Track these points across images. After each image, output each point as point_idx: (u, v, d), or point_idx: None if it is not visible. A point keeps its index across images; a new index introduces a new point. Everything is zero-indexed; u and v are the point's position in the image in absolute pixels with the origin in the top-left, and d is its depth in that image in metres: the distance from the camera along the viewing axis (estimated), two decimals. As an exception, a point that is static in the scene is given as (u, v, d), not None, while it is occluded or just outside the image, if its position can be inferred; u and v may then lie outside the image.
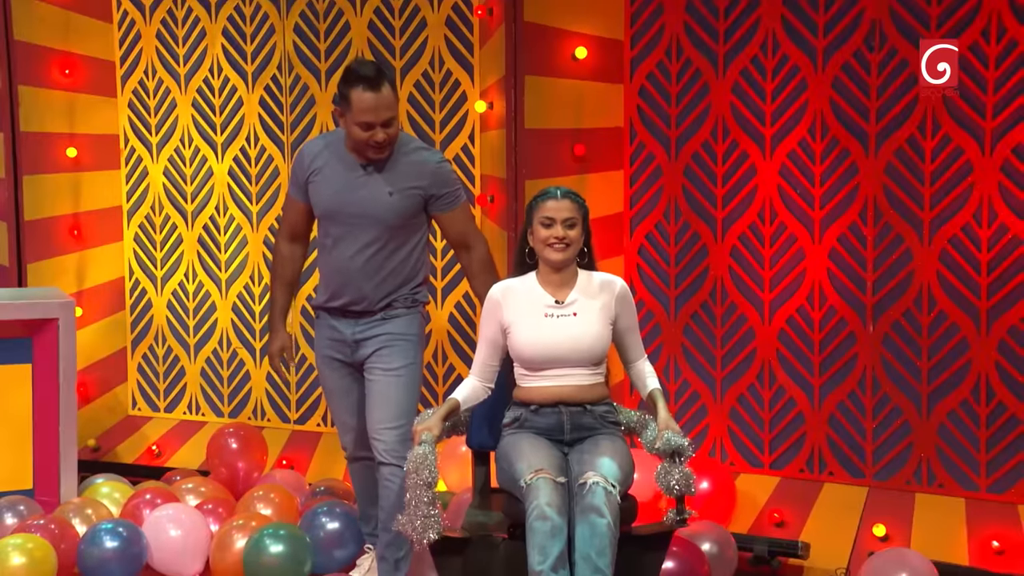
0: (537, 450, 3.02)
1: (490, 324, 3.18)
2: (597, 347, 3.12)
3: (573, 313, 3.11)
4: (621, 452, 3.06)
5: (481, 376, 3.20)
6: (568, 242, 3.08)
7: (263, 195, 5.50)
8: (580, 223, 3.11)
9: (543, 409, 3.13)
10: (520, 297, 3.17)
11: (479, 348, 3.21)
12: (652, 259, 4.72)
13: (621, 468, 2.99)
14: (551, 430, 3.13)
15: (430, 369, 5.16)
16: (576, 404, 3.13)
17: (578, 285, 3.15)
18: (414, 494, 2.98)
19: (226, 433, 4.84)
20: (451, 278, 5.09)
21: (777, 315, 4.48)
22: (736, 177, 4.52)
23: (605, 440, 3.09)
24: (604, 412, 3.17)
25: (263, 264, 5.52)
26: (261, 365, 5.57)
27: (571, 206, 3.10)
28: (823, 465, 4.41)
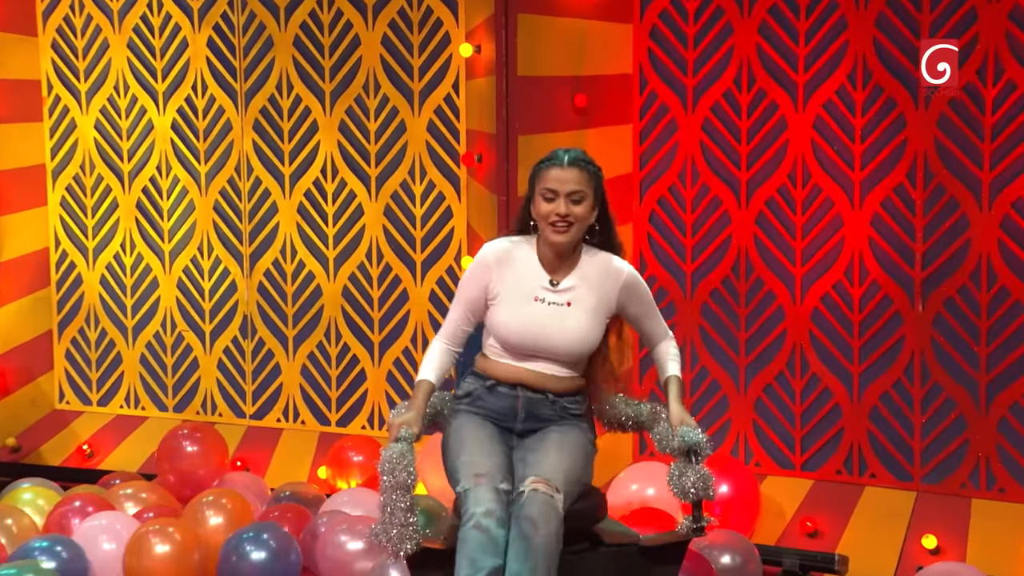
0: (481, 444, 3.02)
1: (473, 286, 3.15)
2: (583, 347, 3.11)
3: (567, 302, 3.09)
4: (572, 445, 3.05)
5: (449, 339, 3.18)
6: (572, 220, 3.04)
7: (212, 153, 5.48)
8: (590, 196, 3.06)
9: (499, 388, 3.12)
10: (514, 268, 3.14)
11: (453, 308, 3.18)
12: (665, 228, 4.70)
13: (568, 466, 2.99)
14: (502, 414, 3.12)
15: (408, 355, 5.16)
16: (537, 390, 3.12)
17: (580, 267, 3.12)
18: (389, 499, 2.97)
19: (179, 435, 4.86)
20: (432, 250, 5.09)
21: (810, 292, 4.47)
22: (763, 132, 4.50)
23: (555, 433, 3.08)
24: (567, 403, 3.15)
25: (212, 233, 5.51)
26: (211, 351, 5.57)
27: (579, 176, 3.04)
28: (864, 466, 4.41)
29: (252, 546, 3.96)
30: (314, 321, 5.34)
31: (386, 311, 5.21)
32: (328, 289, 5.31)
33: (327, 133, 5.24)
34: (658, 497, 4.19)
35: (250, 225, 5.44)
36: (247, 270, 5.45)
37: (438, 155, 5.05)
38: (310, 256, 5.33)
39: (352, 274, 5.26)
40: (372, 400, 5.26)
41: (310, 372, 5.37)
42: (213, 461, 4.83)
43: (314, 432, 5.34)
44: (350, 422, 5.30)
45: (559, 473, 2.96)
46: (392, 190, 5.15)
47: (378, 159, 5.17)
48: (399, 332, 5.18)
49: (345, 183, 5.24)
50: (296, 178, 5.33)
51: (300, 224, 5.34)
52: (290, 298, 5.39)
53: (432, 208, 5.08)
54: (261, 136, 5.38)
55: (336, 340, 5.30)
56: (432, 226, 5.08)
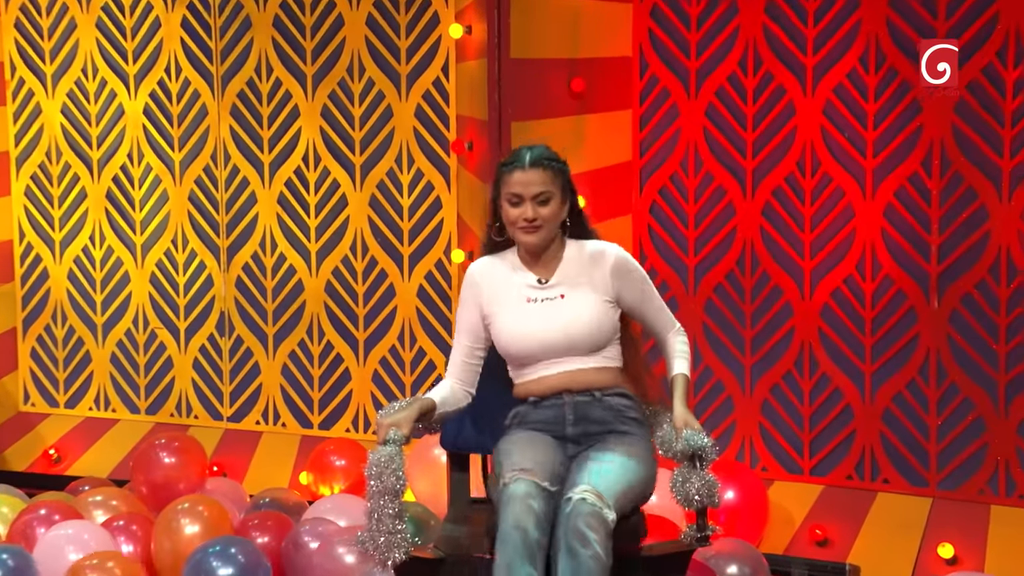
0: (529, 448, 2.98)
1: (468, 311, 3.15)
2: (595, 333, 3.08)
3: (560, 295, 3.08)
4: (632, 457, 2.99)
5: (459, 377, 3.16)
6: (540, 222, 3.04)
7: (187, 140, 5.47)
8: (557, 194, 3.06)
9: (544, 402, 3.08)
10: (500, 278, 3.13)
11: (456, 342, 3.18)
12: (667, 219, 4.69)
13: (623, 477, 2.94)
14: (552, 423, 3.08)
15: (395, 354, 5.15)
16: (582, 391, 3.08)
17: (566, 260, 3.11)
18: (377, 504, 2.95)
19: (156, 446, 4.82)
20: (420, 243, 5.09)
21: (820, 287, 4.45)
22: (770, 118, 4.49)
23: (614, 440, 3.03)
24: (621, 405, 3.10)
25: (187, 224, 5.50)
26: (186, 350, 5.55)
27: (542, 177, 3.03)
28: (876, 471, 4.40)
29: (219, 561, 3.91)
30: (295, 318, 5.33)
31: (372, 307, 5.20)
32: (310, 284, 5.30)
33: (309, 119, 5.23)
34: (660, 504, 4.07)
35: (227, 216, 5.42)
36: (224, 264, 5.44)
37: (426, 142, 5.03)
38: (291, 249, 5.32)
39: (336, 268, 5.25)
40: (357, 401, 5.25)
41: (291, 372, 5.36)
42: (191, 473, 4.79)
43: (295, 435, 5.34)
44: (333, 424, 5.29)
45: (615, 490, 2.89)
46: (378, 179, 5.14)
47: (363, 146, 5.16)
48: (385, 329, 5.17)
49: (328, 172, 5.23)
50: (276, 166, 5.32)
51: (280, 215, 5.33)
52: (270, 293, 5.38)
53: (420, 198, 5.07)
54: (239, 122, 5.36)
55: (319, 338, 5.30)
56: (420, 217, 5.07)
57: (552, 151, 3.11)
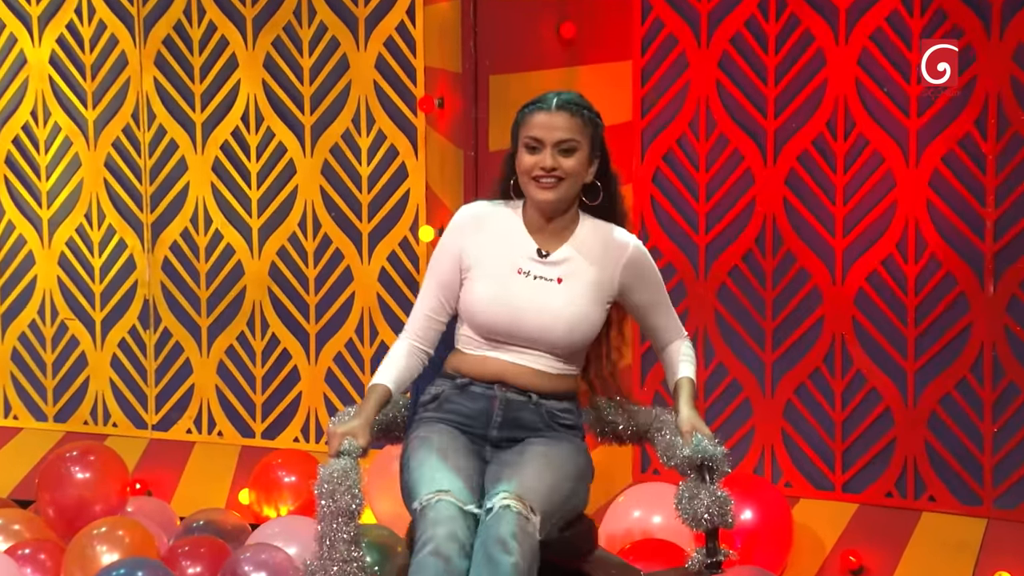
0: (446, 457, 3.01)
1: (446, 259, 3.15)
2: (575, 334, 3.10)
3: (558, 279, 3.10)
4: (559, 460, 3.04)
5: (418, 336, 3.17)
6: (561, 175, 3.06)
7: (103, 95, 5.43)
8: (585, 148, 3.09)
9: (473, 387, 3.11)
10: (494, 232, 3.14)
11: (422, 294, 3.19)
12: (673, 190, 4.67)
13: (551, 484, 2.97)
14: (474, 418, 3.11)
15: (352, 349, 5.12)
16: (519, 389, 3.10)
17: (577, 237, 3.13)
18: (329, 528, 2.95)
19: (67, 459, 4.76)
20: (382, 218, 5.06)
21: (854, 270, 4.45)
22: (796, 69, 4.47)
23: (538, 444, 3.06)
24: (559, 410, 3.14)
25: (104, 196, 5.47)
26: (103, 346, 5.51)
27: (570, 123, 3.07)
28: (920, 487, 4.40)
29: None
30: (234, 307, 5.32)
31: (325, 295, 5.18)
32: (251, 267, 5.28)
33: (249, 71, 5.20)
34: (665, 525, 4.19)
35: (152, 187, 5.39)
36: (148, 243, 5.41)
37: (389, 99, 5.01)
38: (228, 226, 5.30)
39: (282, 248, 5.23)
40: (307, 406, 5.24)
41: (229, 371, 5.35)
42: (109, 491, 4.75)
43: (234, 446, 5.33)
44: (279, 434, 5.29)
45: (538, 491, 2.93)
46: (331, 143, 5.12)
47: (314, 104, 5.14)
48: (341, 321, 5.15)
49: (272, 134, 5.20)
50: (210, 127, 5.29)
51: (216, 185, 5.31)
52: (203, 278, 5.36)
53: (382, 166, 5.04)
54: (165, 74, 5.32)
55: (262, 331, 5.28)
56: (382, 188, 5.04)
57: (588, 101, 3.12)
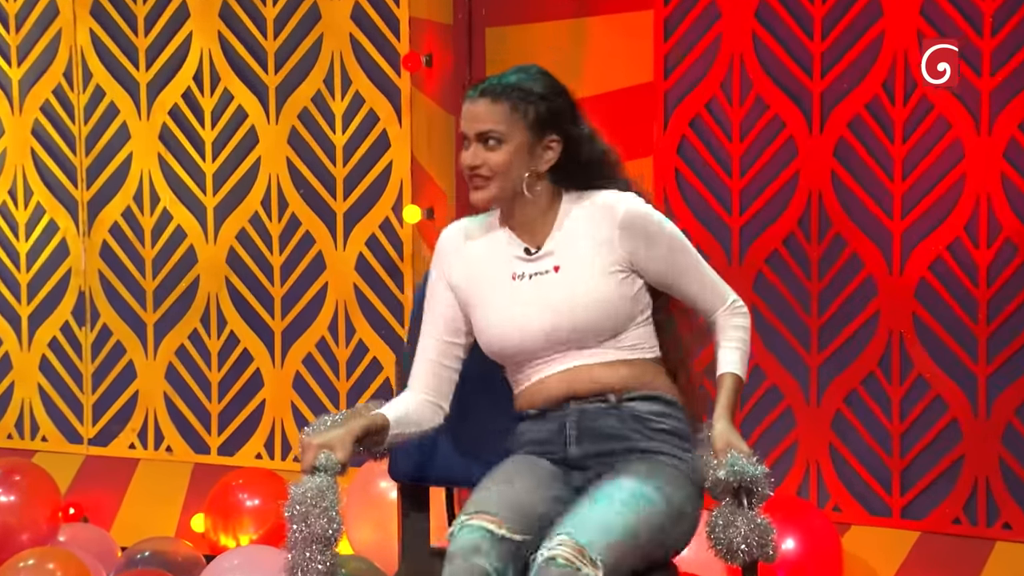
0: (506, 480, 3.03)
1: (439, 294, 3.19)
2: (602, 314, 3.11)
3: (554, 267, 3.13)
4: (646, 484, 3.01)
5: (427, 386, 3.19)
6: (487, 173, 3.09)
7: (30, 49, 5.44)
8: (517, 136, 3.09)
9: (548, 414, 3.13)
10: (480, 249, 3.18)
11: (422, 340, 3.21)
12: (702, 163, 4.67)
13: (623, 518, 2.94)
14: (551, 442, 3.12)
15: (324, 350, 5.12)
16: (591, 396, 3.11)
17: (560, 220, 3.15)
18: (301, 557, 2.95)
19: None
20: (359, 196, 5.06)
21: (914, 257, 4.45)
22: (845, 23, 4.47)
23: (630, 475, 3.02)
24: (649, 412, 3.12)
25: (31, 169, 5.47)
26: (30, 345, 5.51)
27: (490, 110, 3.09)
28: (994, 512, 4.39)
29: None
30: (185, 301, 5.32)
31: (292, 286, 5.18)
32: (206, 253, 5.28)
33: (202, 21, 5.19)
34: (694, 558, 4.12)
35: (88, 158, 5.39)
36: (84, 225, 5.41)
37: (368, 56, 5.00)
38: (179, 204, 5.30)
39: (241, 231, 5.23)
40: (271, 417, 5.24)
41: (179, 376, 5.34)
42: (38, 516, 4.77)
43: (186, 464, 5.32)
44: (238, 449, 5.29)
45: (609, 535, 2.89)
46: (300, 107, 5.11)
47: (279, 61, 5.13)
48: (311, 317, 5.15)
49: (230, 96, 5.20)
50: (157, 88, 5.29)
51: (164, 157, 5.30)
52: (149, 267, 5.36)
53: (360, 134, 5.04)
54: (103, 25, 5.32)
55: (218, 328, 5.28)
56: (360, 161, 5.04)
57: (537, 76, 3.11)
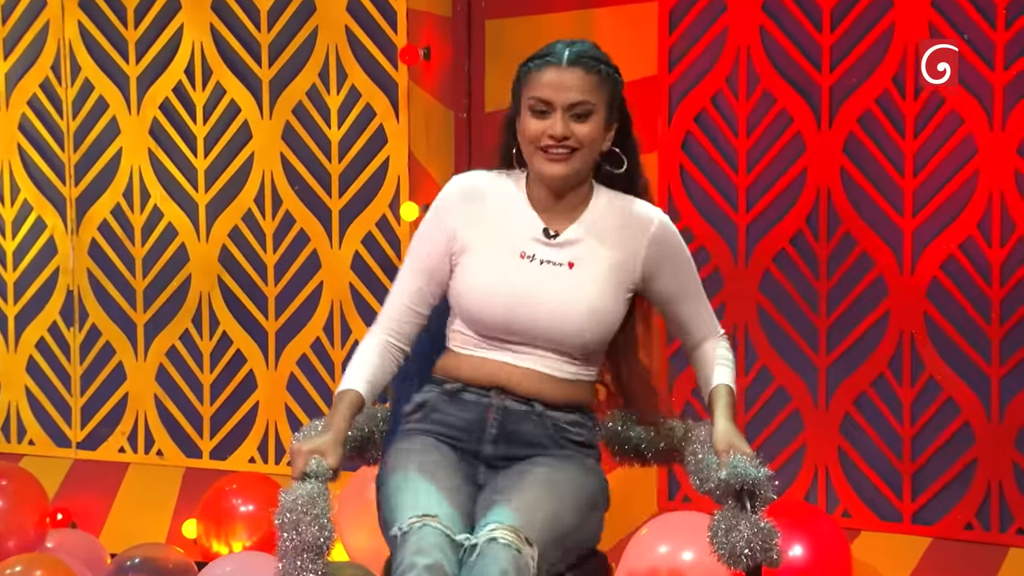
0: (430, 476, 3.05)
1: (432, 240, 3.20)
2: (591, 328, 3.14)
3: (568, 263, 3.15)
4: (564, 482, 3.08)
5: (393, 330, 3.21)
6: (575, 144, 3.11)
7: (17, 42, 5.46)
8: (602, 110, 3.13)
9: (466, 393, 3.16)
10: (492, 211, 3.18)
11: (401, 278, 3.24)
12: (707, 159, 4.68)
13: (552, 511, 3.01)
14: (465, 430, 3.15)
15: (319, 351, 5.14)
16: (522, 399, 3.14)
17: (590, 213, 3.19)
18: (293, 566, 2.98)
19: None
20: (355, 193, 5.08)
21: (926, 255, 4.45)
22: (856, 13, 4.47)
23: (540, 465, 3.09)
24: (568, 423, 3.17)
25: (18, 165, 5.48)
26: (17, 347, 5.53)
27: (585, 81, 3.11)
28: (1007, 517, 4.40)
29: None
30: (176, 301, 5.33)
31: (286, 286, 5.20)
32: (198, 252, 5.29)
33: (194, 13, 5.21)
34: (696, 563, 4.20)
35: (77, 154, 5.40)
36: (72, 223, 5.42)
37: (364, 49, 5.02)
38: (170, 201, 5.30)
39: (234, 229, 5.24)
40: (265, 420, 5.25)
41: (170, 378, 5.36)
42: (25, 522, 4.82)
43: (177, 468, 5.34)
44: (231, 453, 5.30)
45: (535, 519, 2.95)
46: (295, 101, 5.12)
47: (273, 54, 5.15)
48: (306, 317, 5.16)
49: (223, 90, 5.21)
50: (147, 82, 5.30)
51: (154, 152, 5.31)
52: (139, 266, 5.36)
53: (356, 129, 5.05)
54: (92, 17, 5.34)
55: (210, 329, 5.29)
56: (356, 157, 5.06)
57: (605, 53, 3.15)
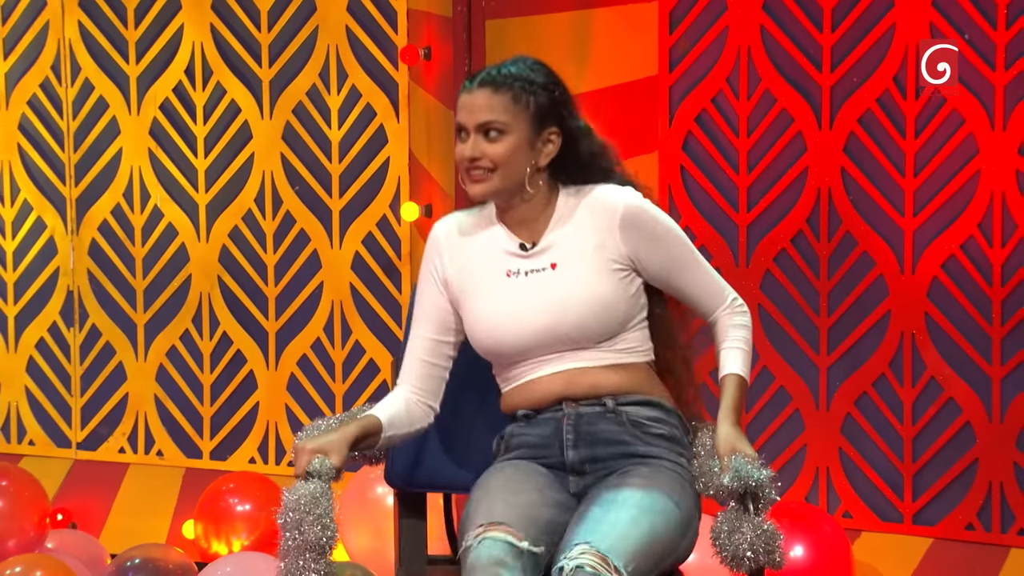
0: (508, 488, 3.04)
1: (429, 290, 3.22)
2: (601, 315, 3.14)
3: (551, 264, 3.16)
4: (654, 492, 3.04)
5: (416, 385, 3.22)
6: (487, 165, 3.12)
7: (17, 42, 5.46)
8: (520, 128, 3.12)
9: (539, 416, 3.15)
10: (473, 244, 3.20)
11: (412, 337, 3.24)
12: (708, 158, 4.68)
13: (641, 525, 2.98)
14: (546, 446, 3.14)
15: (320, 351, 5.14)
16: (588, 399, 3.14)
17: (557, 216, 3.19)
18: (295, 565, 2.96)
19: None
20: (356, 193, 5.08)
21: (927, 256, 4.45)
22: (856, 13, 4.47)
23: (635, 477, 3.07)
24: (645, 417, 3.15)
25: (18, 165, 5.47)
26: (17, 347, 5.52)
27: (491, 100, 3.12)
28: (1008, 518, 4.39)
29: None
30: (176, 301, 5.33)
31: (287, 286, 5.20)
32: (198, 252, 5.29)
33: (194, 13, 5.22)
34: (700, 565, 4.13)
35: (77, 154, 5.41)
36: (72, 223, 5.42)
37: (365, 49, 5.03)
38: (170, 202, 5.31)
39: (234, 229, 5.25)
40: (265, 420, 5.26)
41: (170, 378, 5.36)
42: (25, 523, 4.80)
43: (177, 469, 5.35)
44: (231, 453, 5.31)
45: (629, 545, 2.92)
46: (295, 102, 5.13)
47: (273, 54, 5.15)
48: (306, 317, 5.17)
49: (223, 90, 5.22)
50: (147, 82, 5.31)
51: (154, 152, 5.31)
52: (139, 266, 5.36)
53: (356, 129, 5.06)
54: (92, 17, 5.34)
55: (210, 329, 5.30)
56: (356, 157, 5.06)
57: (536, 66, 3.14)
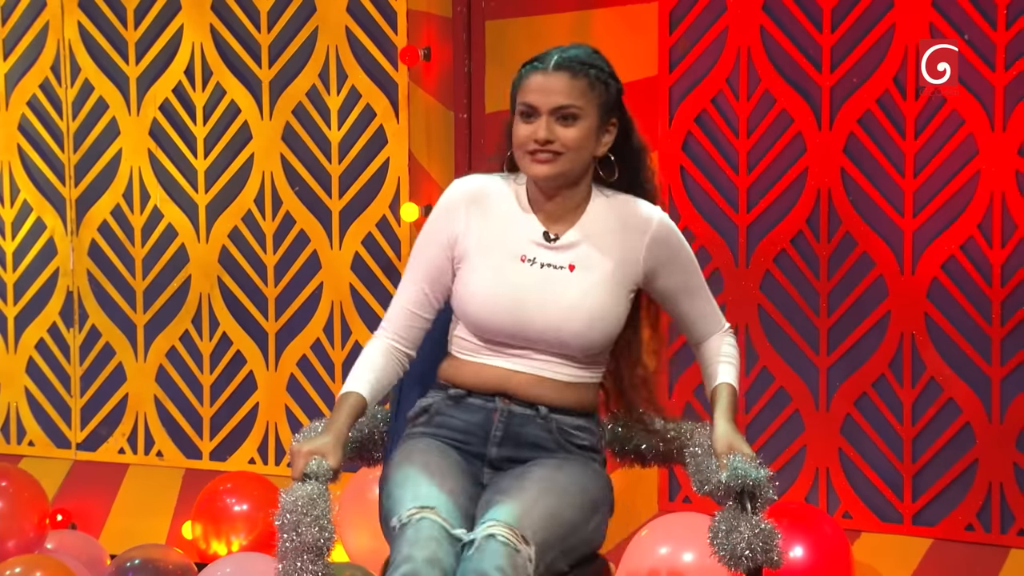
0: (435, 473, 3.05)
1: (435, 244, 3.21)
2: (594, 331, 3.15)
3: (569, 265, 3.17)
4: (566, 482, 3.08)
5: (398, 335, 3.22)
6: (559, 148, 3.12)
7: (16, 42, 5.47)
8: (591, 115, 3.15)
9: (471, 398, 3.17)
10: (493, 214, 3.20)
11: (404, 283, 3.24)
12: (707, 159, 4.68)
13: (551, 508, 3.02)
14: (471, 433, 3.16)
15: (319, 352, 5.14)
16: (527, 403, 3.15)
17: (589, 216, 3.20)
18: (292, 566, 2.97)
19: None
20: (356, 194, 5.08)
21: (927, 256, 4.45)
22: (856, 14, 4.47)
23: (542, 468, 3.10)
24: (573, 427, 3.19)
25: (18, 166, 5.47)
26: (17, 347, 5.52)
27: (569, 85, 3.12)
28: (1008, 518, 4.39)
29: None
30: (176, 301, 5.34)
31: (286, 286, 5.21)
32: (198, 253, 5.30)
33: (194, 14, 5.22)
34: (697, 564, 4.19)
35: (77, 155, 5.41)
36: (72, 224, 5.43)
37: (364, 50, 5.03)
38: (170, 202, 5.32)
39: (234, 230, 5.26)
40: (264, 421, 5.26)
41: (170, 378, 5.37)
42: (25, 523, 4.80)
43: (176, 469, 5.35)
44: (231, 454, 5.31)
45: (534, 517, 2.96)
46: (295, 102, 5.14)
47: (273, 55, 5.16)
48: (306, 318, 5.17)
49: (223, 91, 5.22)
50: (147, 83, 5.31)
51: (154, 153, 5.32)
52: (139, 266, 5.37)
53: (356, 130, 5.06)
54: (92, 17, 5.34)
55: (210, 330, 5.30)
56: (356, 158, 5.07)
57: (598, 56, 3.17)
